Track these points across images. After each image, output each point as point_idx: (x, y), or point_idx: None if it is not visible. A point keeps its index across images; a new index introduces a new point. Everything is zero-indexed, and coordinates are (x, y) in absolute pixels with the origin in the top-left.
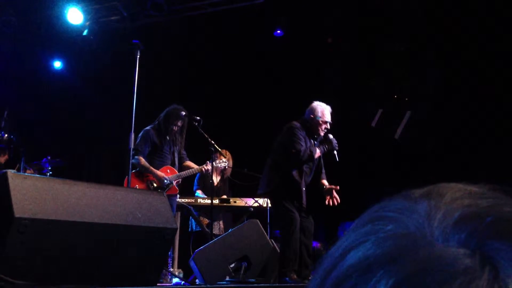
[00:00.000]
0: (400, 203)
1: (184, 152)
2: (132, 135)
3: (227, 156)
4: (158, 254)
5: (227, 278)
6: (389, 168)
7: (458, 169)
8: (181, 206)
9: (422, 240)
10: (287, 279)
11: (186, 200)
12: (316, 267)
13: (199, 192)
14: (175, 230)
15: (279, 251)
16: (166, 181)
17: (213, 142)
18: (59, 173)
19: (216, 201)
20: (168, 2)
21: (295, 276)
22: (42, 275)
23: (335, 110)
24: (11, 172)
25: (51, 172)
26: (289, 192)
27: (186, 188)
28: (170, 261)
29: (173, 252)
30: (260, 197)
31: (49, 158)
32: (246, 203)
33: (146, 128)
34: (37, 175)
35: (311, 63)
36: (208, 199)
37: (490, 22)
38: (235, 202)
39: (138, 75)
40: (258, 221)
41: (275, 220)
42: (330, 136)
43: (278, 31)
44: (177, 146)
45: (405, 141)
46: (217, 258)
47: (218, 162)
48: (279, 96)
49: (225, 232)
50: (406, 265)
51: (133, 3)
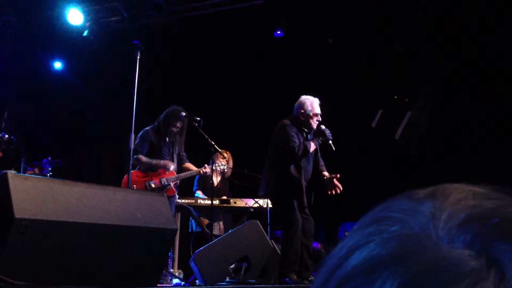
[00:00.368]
0: (404, 203)
1: (184, 154)
2: (132, 136)
3: (227, 156)
4: (158, 254)
5: (227, 279)
6: (389, 168)
7: (458, 169)
8: (181, 207)
9: (427, 241)
10: (287, 280)
11: (186, 200)
12: (319, 267)
13: (199, 193)
14: (175, 230)
15: (279, 252)
16: (171, 167)
17: (213, 143)
18: (59, 173)
19: (216, 201)
20: (168, 3)
21: (295, 277)
22: (42, 275)
23: (335, 110)
24: (11, 173)
25: (51, 173)
26: (289, 191)
27: (186, 188)
28: (170, 261)
29: (173, 252)
30: (260, 198)
31: (49, 158)
32: (246, 203)
33: (146, 128)
34: (37, 176)
35: (311, 64)
36: (208, 199)
37: (490, 22)
38: (235, 202)
39: (138, 76)
40: (258, 221)
41: (275, 220)
42: (322, 126)
43: (278, 32)
44: (176, 148)
45: (405, 141)
46: (217, 258)
47: (217, 165)
48: (279, 96)
49: (225, 233)
50: (411, 266)
51: (133, 4)
